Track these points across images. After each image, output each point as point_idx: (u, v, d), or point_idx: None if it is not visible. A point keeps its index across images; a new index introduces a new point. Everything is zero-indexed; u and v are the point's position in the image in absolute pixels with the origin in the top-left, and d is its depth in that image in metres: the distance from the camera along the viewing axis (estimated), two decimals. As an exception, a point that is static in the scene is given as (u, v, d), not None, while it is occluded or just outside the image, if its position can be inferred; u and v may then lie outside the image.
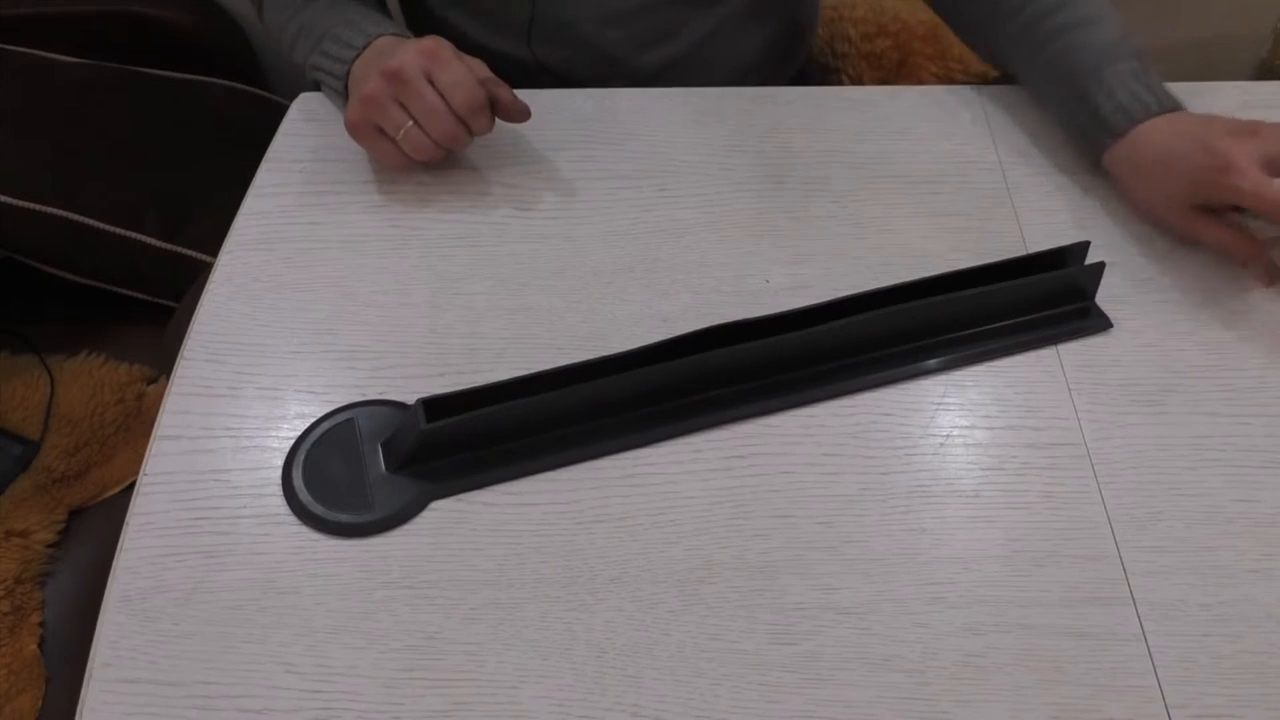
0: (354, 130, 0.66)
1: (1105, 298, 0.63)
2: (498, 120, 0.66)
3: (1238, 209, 0.62)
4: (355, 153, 0.72)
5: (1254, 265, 0.62)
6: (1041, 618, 0.50)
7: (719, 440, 0.57)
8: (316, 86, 0.74)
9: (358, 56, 0.68)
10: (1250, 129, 0.61)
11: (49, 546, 0.94)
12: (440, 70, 0.63)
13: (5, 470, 0.98)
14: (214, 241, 0.67)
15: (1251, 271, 0.63)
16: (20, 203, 1.06)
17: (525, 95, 0.67)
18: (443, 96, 0.63)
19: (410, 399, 0.56)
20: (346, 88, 0.69)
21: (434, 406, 0.54)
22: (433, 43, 0.64)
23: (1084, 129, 0.69)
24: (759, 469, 0.56)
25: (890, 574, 0.52)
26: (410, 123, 0.64)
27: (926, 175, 0.71)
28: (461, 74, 0.63)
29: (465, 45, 0.67)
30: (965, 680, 0.48)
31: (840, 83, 1.13)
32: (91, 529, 0.97)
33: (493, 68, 0.66)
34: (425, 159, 0.65)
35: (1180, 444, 0.57)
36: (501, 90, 0.65)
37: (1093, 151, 0.69)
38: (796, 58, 0.94)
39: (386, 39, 0.68)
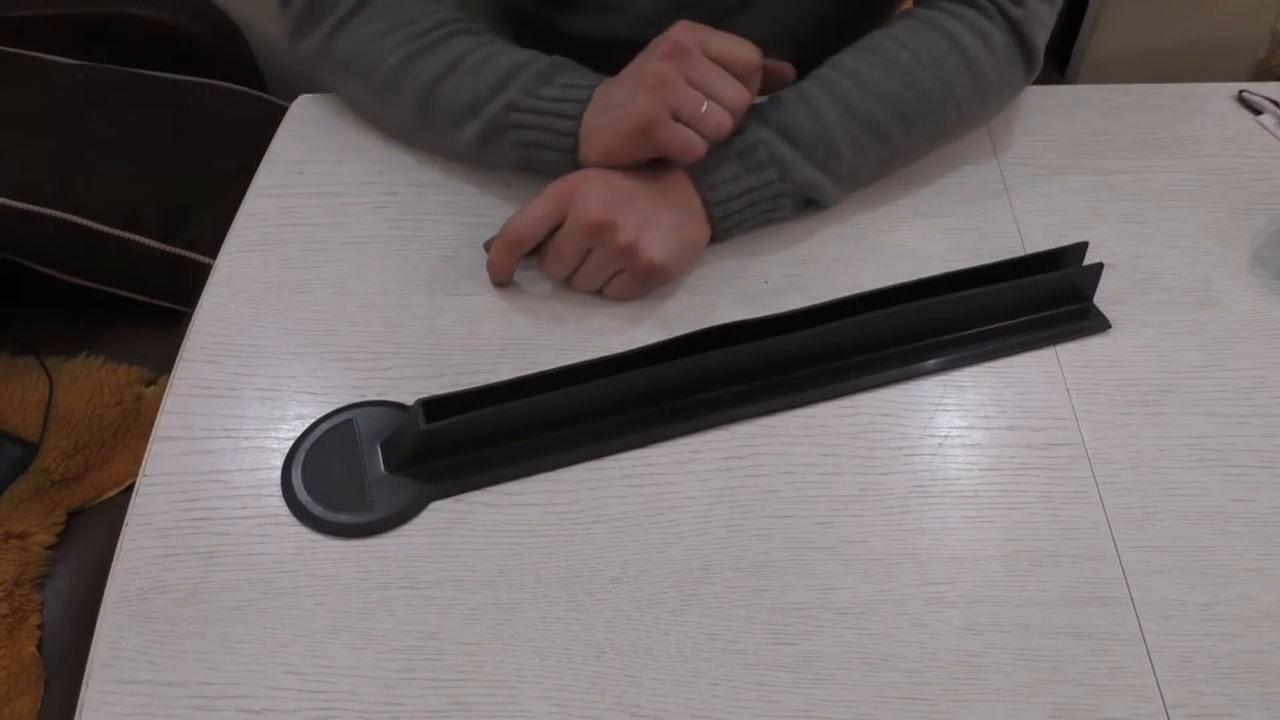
0: (651, 125, 0.59)
1: (1103, 298, 0.64)
2: None
3: None
4: (355, 153, 0.72)
5: None
6: (1040, 617, 0.50)
7: (718, 441, 0.57)
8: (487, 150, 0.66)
9: (589, 99, 0.62)
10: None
11: (48, 548, 0.94)
12: (711, 37, 0.60)
13: (4, 472, 0.98)
14: (213, 242, 0.67)
15: None
16: (19, 204, 1.06)
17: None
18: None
19: (409, 399, 0.56)
20: (576, 132, 0.62)
21: (433, 407, 0.54)
22: (685, 22, 0.60)
23: None
24: (758, 469, 0.56)
25: (889, 574, 0.52)
26: (706, 101, 0.59)
27: (925, 176, 0.71)
28: (730, 38, 0.60)
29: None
30: (964, 680, 0.49)
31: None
32: (90, 531, 0.97)
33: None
34: (719, 137, 0.61)
35: (1178, 444, 0.57)
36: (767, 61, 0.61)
37: None
38: None
39: (604, 84, 0.63)
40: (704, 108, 0.59)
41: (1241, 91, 0.77)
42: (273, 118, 0.75)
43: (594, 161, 0.62)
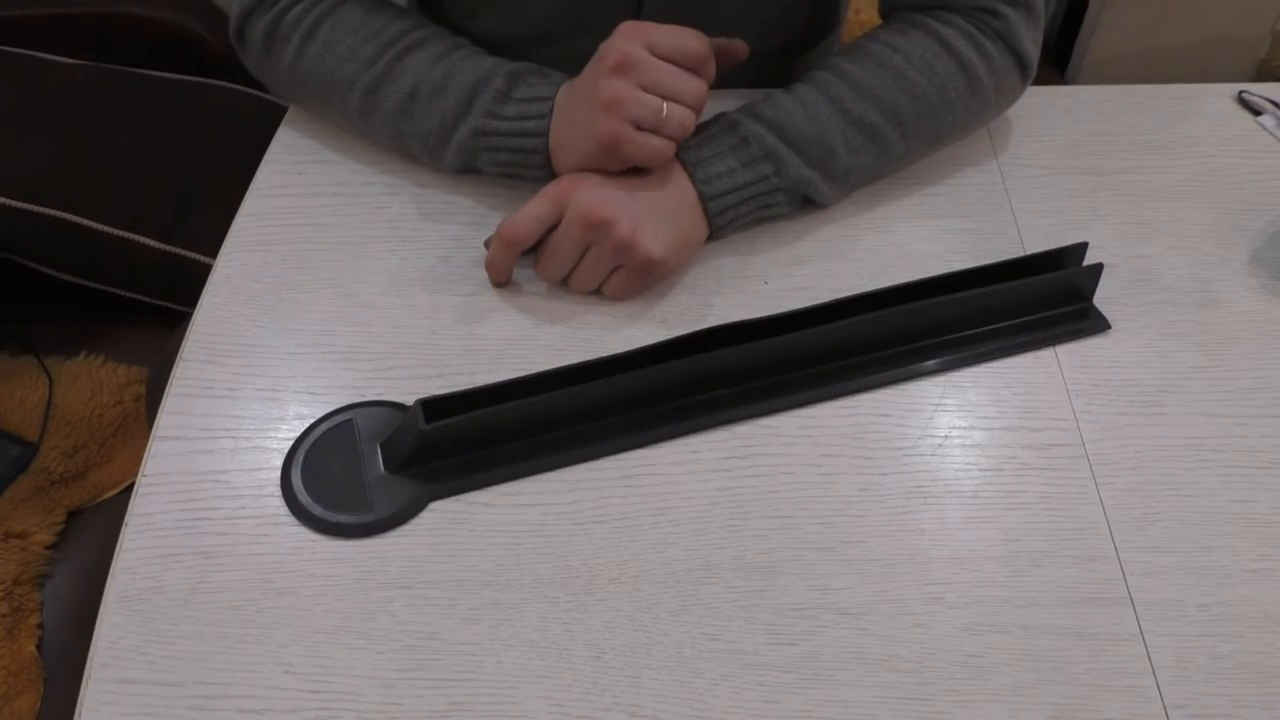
0: (613, 143, 0.59)
1: (1103, 299, 0.64)
2: None
3: None
4: (355, 154, 0.72)
5: None
6: (1040, 618, 0.50)
7: (717, 441, 0.57)
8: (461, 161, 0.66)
9: (552, 111, 0.63)
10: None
11: (47, 548, 0.94)
12: (656, 35, 0.59)
13: (4, 471, 0.98)
14: (213, 242, 0.67)
15: None
16: (19, 204, 1.06)
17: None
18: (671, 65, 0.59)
19: (409, 400, 0.56)
20: (546, 149, 0.63)
21: (433, 407, 0.54)
22: (629, 24, 0.60)
23: None
24: (757, 470, 0.56)
25: (889, 574, 0.52)
26: (665, 104, 0.59)
27: (925, 177, 0.71)
28: (677, 31, 0.60)
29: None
30: (964, 680, 0.49)
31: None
32: (90, 530, 0.97)
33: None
34: (684, 136, 0.61)
35: (1178, 445, 0.57)
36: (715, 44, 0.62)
37: None
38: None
39: (564, 92, 0.63)
40: (665, 111, 0.59)
41: (1241, 92, 0.77)
42: (273, 118, 0.75)
43: (569, 174, 0.62)
